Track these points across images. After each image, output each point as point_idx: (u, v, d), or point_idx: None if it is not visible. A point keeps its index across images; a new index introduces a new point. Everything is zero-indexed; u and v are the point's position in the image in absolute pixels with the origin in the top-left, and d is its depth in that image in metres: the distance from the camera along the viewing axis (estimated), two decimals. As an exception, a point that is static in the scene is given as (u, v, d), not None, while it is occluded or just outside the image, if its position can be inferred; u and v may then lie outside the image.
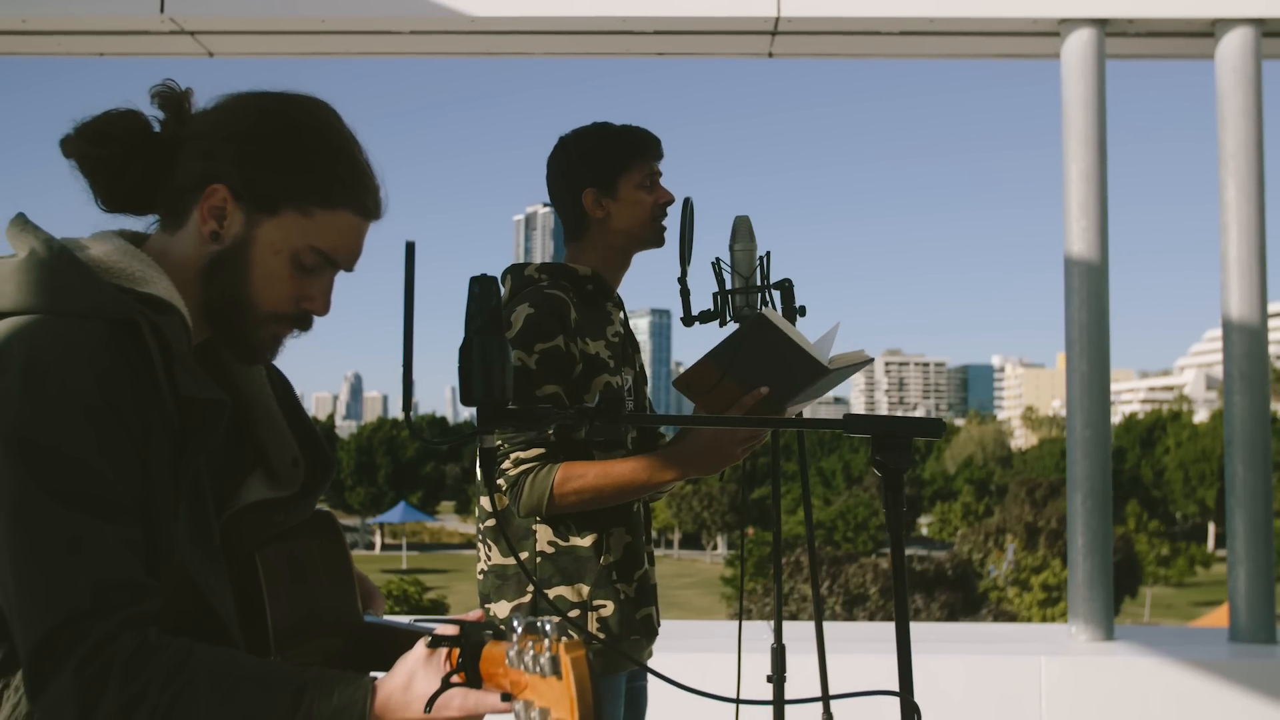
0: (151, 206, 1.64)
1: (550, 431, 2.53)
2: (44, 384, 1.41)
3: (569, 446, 2.56)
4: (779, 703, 2.69)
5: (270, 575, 1.58)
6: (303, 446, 1.75)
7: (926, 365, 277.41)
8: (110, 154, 1.59)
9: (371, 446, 77.45)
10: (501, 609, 2.60)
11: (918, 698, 4.96)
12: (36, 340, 1.44)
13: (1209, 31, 5.41)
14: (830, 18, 5.34)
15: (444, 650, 1.44)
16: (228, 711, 1.41)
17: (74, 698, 1.38)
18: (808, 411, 2.67)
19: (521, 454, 2.53)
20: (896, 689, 1.66)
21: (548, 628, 1.29)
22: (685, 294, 2.67)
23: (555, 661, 1.27)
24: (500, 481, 2.55)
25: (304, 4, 5.47)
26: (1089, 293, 5.21)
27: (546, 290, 2.61)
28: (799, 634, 6.30)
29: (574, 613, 2.57)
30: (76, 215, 1.66)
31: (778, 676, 2.82)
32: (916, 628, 7.75)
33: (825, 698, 2.07)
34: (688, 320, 2.67)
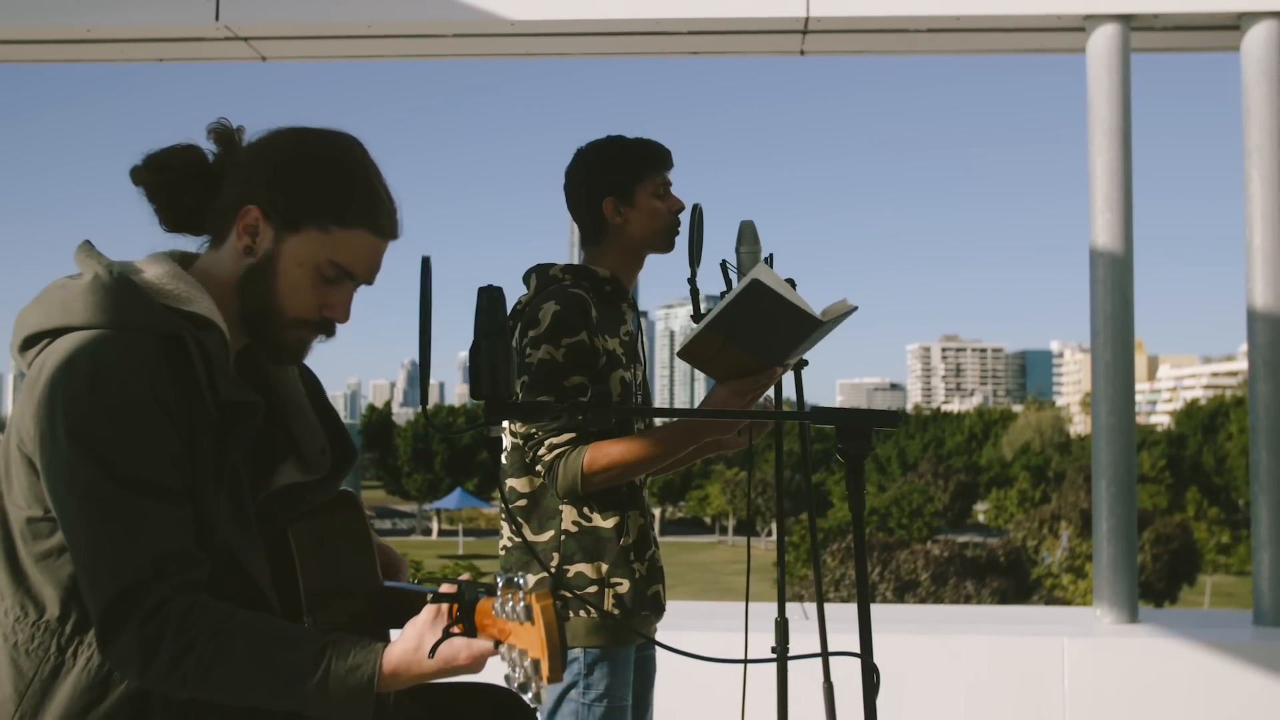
0: (204, 228, 1.89)
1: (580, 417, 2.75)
2: (107, 389, 1.68)
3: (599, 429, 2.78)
4: (739, 661, 2.86)
5: (301, 547, 1.82)
6: (329, 437, 2.00)
7: (984, 351, 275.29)
8: (168, 181, 1.85)
9: (428, 434, 78.17)
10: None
11: (944, 677, 5.19)
12: (100, 352, 1.70)
13: (1234, 24, 5.50)
14: (859, 16, 5.48)
15: (445, 607, 1.69)
16: (260, 664, 1.67)
17: (137, 649, 1.66)
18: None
19: (554, 439, 2.74)
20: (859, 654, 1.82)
21: (521, 581, 1.56)
22: (695, 294, 2.90)
23: (529, 609, 1.53)
24: (538, 466, 2.76)
25: (351, 10, 5.69)
26: (1113, 284, 5.33)
27: (570, 289, 2.82)
28: (840, 615, 6.47)
29: (592, 589, 2.77)
30: (141, 220, 1.91)
31: (781, 648, 3.00)
32: (945, 609, 7.87)
33: (783, 658, 2.23)
34: (697, 318, 2.86)
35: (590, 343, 2.76)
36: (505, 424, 2.85)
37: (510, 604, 1.56)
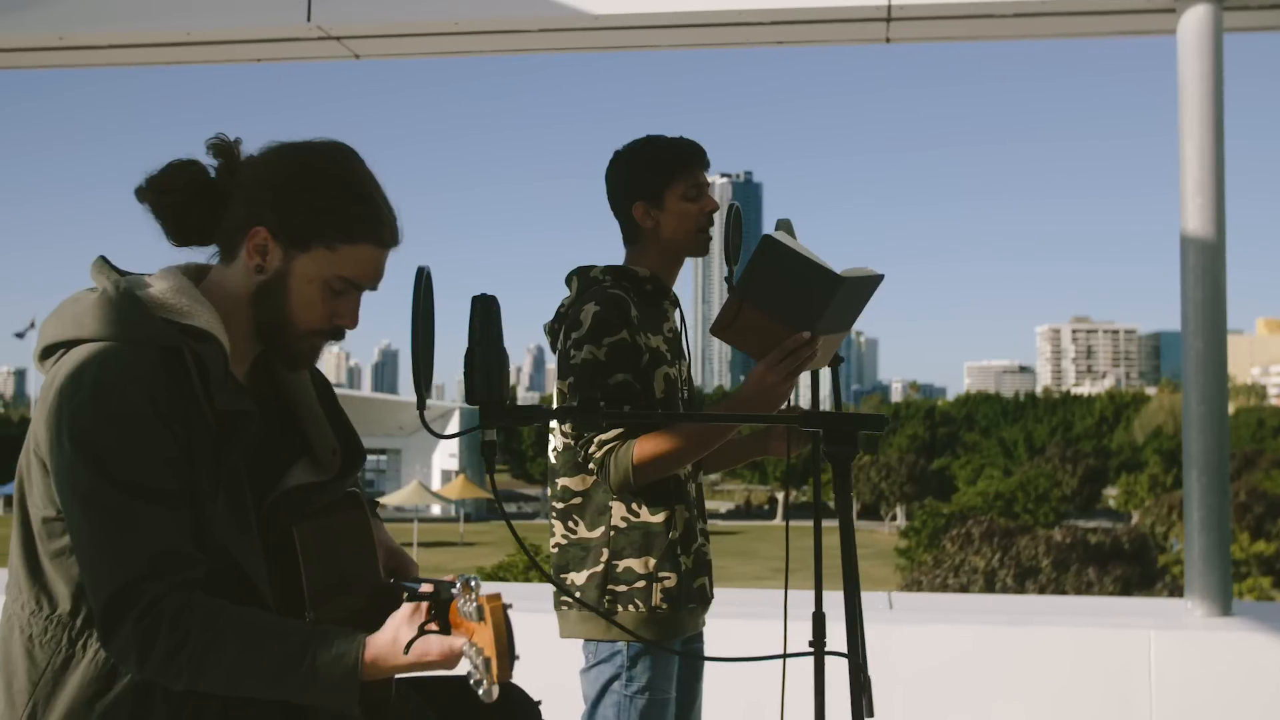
0: (210, 241, 1.99)
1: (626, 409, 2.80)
2: (109, 399, 1.80)
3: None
4: (747, 660, 2.88)
5: (305, 546, 1.92)
6: (339, 438, 2.10)
7: (1116, 332, 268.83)
8: (173, 201, 1.95)
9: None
10: (579, 578, 2.87)
11: (1025, 669, 5.13)
12: (103, 365, 1.82)
13: (1335, 0, 5.33)
14: (942, 2, 5.43)
15: (422, 605, 1.79)
16: (249, 655, 1.78)
17: (135, 643, 1.77)
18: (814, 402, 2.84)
19: (602, 436, 2.79)
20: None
21: (474, 582, 1.67)
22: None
23: (480, 610, 1.64)
24: (590, 465, 2.82)
25: (439, 7, 5.80)
26: (1204, 270, 5.21)
27: (609, 290, 2.86)
28: (927, 604, 6.43)
29: (640, 583, 2.82)
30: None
31: (819, 641, 3.01)
32: (1028, 600, 7.76)
33: (784, 656, 2.25)
34: None
35: (632, 340, 2.81)
36: (554, 424, 2.91)
37: (466, 604, 1.65)
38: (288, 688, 1.80)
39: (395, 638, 1.79)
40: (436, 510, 68.29)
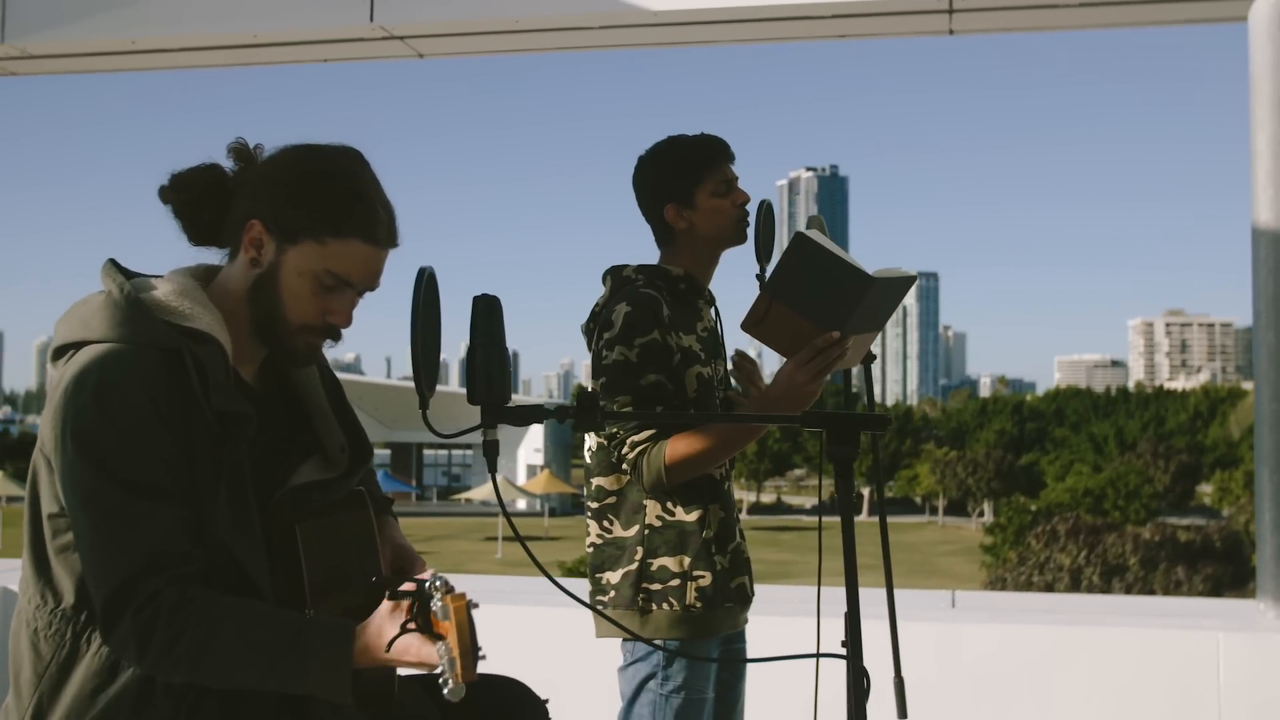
0: (222, 242, 2.03)
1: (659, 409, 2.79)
2: (110, 400, 1.84)
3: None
4: (764, 660, 2.85)
5: (307, 543, 1.95)
6: (348, 436, 2.13)
7: (1211, 325, 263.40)
8: (190, 199, 1.99)
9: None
10: (614, 577, 2.87)
11: (1088, 671, 5.02)
12: (106, 366, 1.87)
13: None
14: (1005, -8, 5.36)
15: (404, 604, 1.82)
16: (244, 644, 1.82)
17: (134, 636, 1.82)
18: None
19: (635, 437, 2.79)
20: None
21: (439, 583, 1.72)
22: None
23: (445, 609, 1.70)
24: (624, 465, 2.83)
25: (500, 6, 5.83)
26: (1275, 264, 5.08)
27: (642, 289, 2.85)
28: (1021, 604, 6.34)
29: (675, 582, 2.82)
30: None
31: (852, 641, 2.98)
32: (1096, 599, 7.62)
33: (773, 659, 2.24)
34: None
35: (663, 341, 2.80)
36: None
37: (439, 603, 1.68)
38: (281, 676, 1.83)
39: (380, 630, 1.82)
40: (521, 505, 68.81)
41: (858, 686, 1.83)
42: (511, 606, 5.06)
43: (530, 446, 69.44)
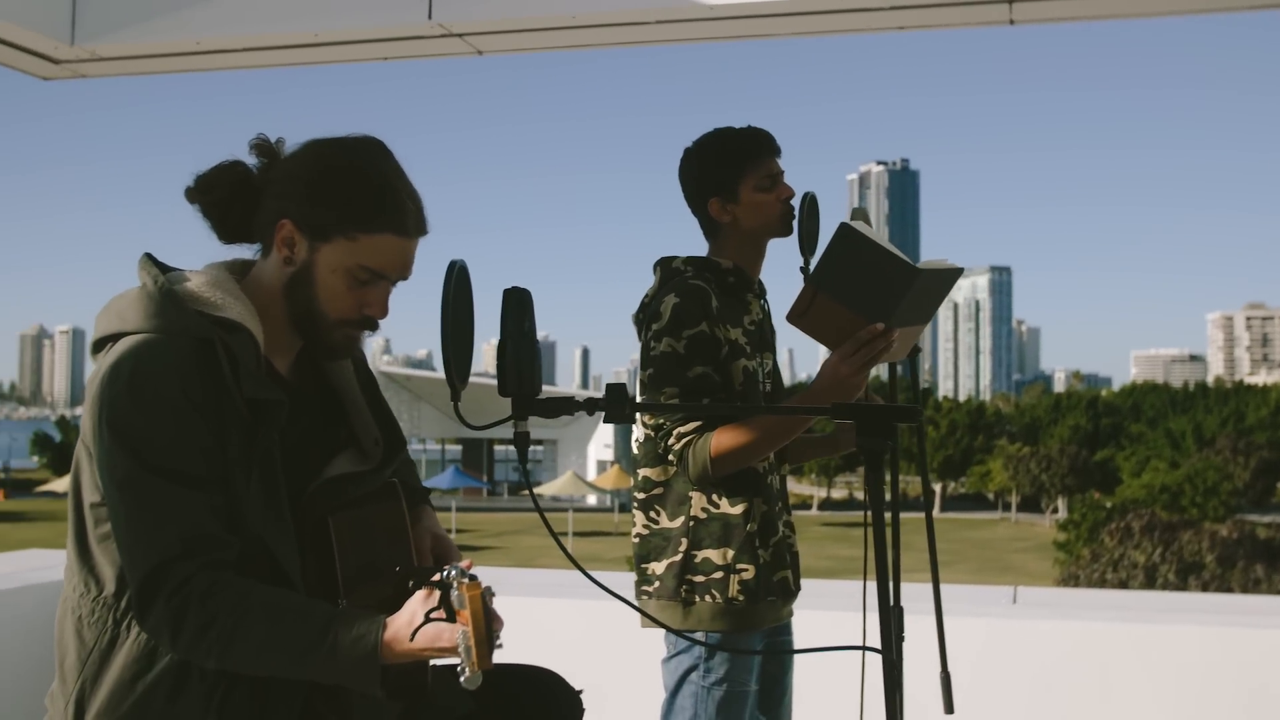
0: (253, 238, 2.06)
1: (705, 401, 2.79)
2: (144, 389, 1.88)
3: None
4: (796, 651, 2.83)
5: (340, 535, 1.98)
6: (382, 429, 2.15)
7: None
8: (217, 199, 2.02)
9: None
10: (659, 568, 2.87)
11: (1152, 669, 4.94)
12: (140, 356, 1.91)
13: None
14: (1065, -19, 5.28)
15: (435, 592, 1.84)
16: (274, 634, 1.85)
17: (167, 621, 1.86)
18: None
19: (681, 428, 2.79)
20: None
21: (453, 573, 1.76)
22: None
23: (461, 598, 1.73)
24: (670, 456, 2.83)
25: (559, 2, 5.84)
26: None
27: (690, 280, 2.85)
28: (1084, 601, 6.23)
29: (718, 574, 2.81)
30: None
31: (886, 635, 2.96)
32: (1160, 596, 7.49)
33: (803, 650, 2.23)
34: None
35: (711, 333, 2.79)
36: (638, 415, 2.91)
37: (456, 593, 1.69)
38: (311, 665, 1.86)
39: (411, 620, 1.84)
40: (592, 500, 68.97)
41: (891, 680, 1.82)
42: (572, 600, 5.08)
43: (600, 442, 69.58)
